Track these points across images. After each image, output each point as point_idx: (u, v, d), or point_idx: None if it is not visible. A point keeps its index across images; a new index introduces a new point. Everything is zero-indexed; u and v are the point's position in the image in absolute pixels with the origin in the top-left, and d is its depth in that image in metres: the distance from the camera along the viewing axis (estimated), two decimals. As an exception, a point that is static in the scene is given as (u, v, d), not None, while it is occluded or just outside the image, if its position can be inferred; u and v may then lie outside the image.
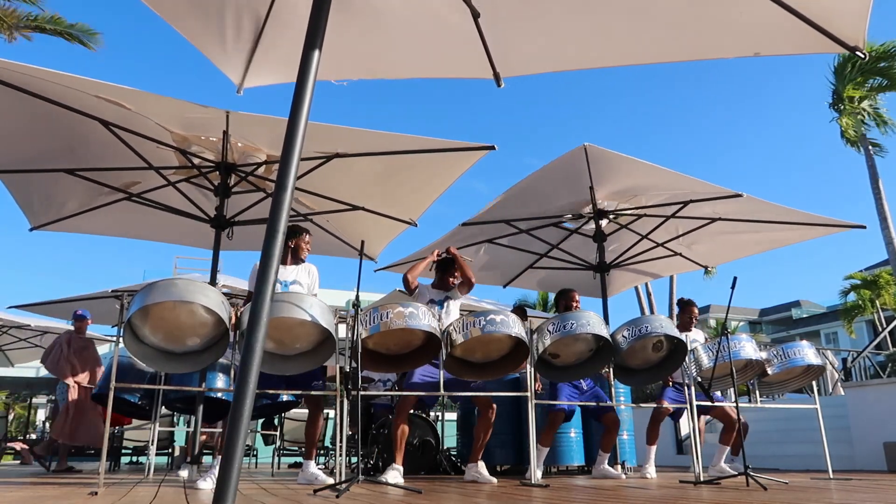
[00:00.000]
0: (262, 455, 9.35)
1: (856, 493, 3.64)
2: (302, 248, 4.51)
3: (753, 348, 4.95)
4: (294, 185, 2.26)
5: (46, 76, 4.26)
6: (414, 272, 4.81)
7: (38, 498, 3.17)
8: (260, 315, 2.05)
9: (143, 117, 4.81)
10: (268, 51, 3.84)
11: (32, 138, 5.04)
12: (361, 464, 4.72)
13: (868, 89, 17.83)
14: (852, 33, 3.19)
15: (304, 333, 3.90)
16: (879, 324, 23.78)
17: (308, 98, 2.39)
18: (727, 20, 3.42)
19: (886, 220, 17.12)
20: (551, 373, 4.68)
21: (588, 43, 3.73)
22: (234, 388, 2.62)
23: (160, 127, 4.97)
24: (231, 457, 1.86)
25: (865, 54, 3.27)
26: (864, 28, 3.15)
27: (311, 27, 2.50)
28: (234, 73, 4.06)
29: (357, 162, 5.40)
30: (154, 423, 5.55)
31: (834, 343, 34.75)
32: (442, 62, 4.02)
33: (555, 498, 3.20)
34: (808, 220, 6.40)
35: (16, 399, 23.14)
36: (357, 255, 4.40)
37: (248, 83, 4.12)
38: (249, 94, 4.17)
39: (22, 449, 11.00)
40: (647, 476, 5.25)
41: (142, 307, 3.54)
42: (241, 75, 4.06)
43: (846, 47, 3.22)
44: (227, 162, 5.39)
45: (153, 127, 4.95)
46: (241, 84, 4.11)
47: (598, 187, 6.08)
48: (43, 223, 6.15)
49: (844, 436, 7.72)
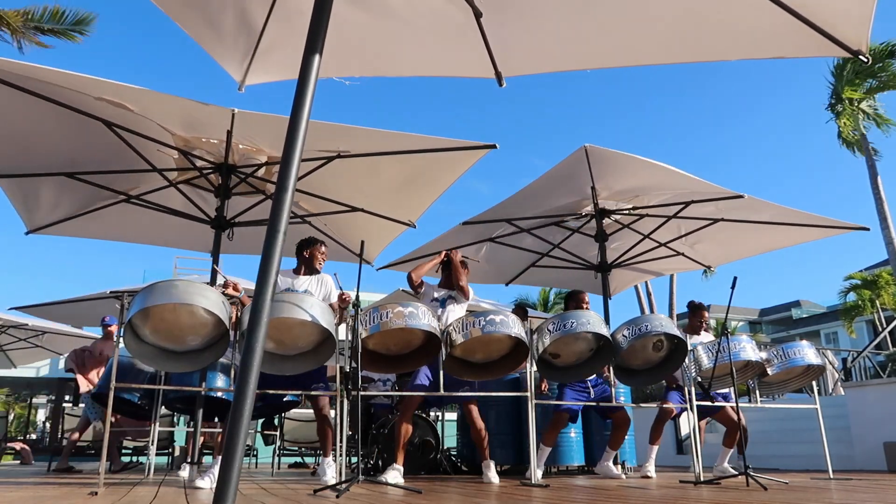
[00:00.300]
0: (262, 455, 9.35)
1: (856, 493, 3.64)
2: (316, 258, 4.51)
3: (753, 349, 4.95)
4: (295, 185, 2.26)
5: (48, 76, 4.21)
6: (419, 271, 4.82)
7: (38, 498, 3.17)
8: (260, 315, 2.05)
9: (145, 119, 4.78)
10: (269, 47, 3.83)
11: (31, 140, 5.00)
12: (361, 464, 4.72)
13: (867, 90, 17.83)
14: (855, 37, 3.19)
15: (305, 333, 3.90)
16: (879, 324, 23.79)
17: (309, 98, 2.38)
18: (730, 22, 3.42)
19: (886, 221, 17.13)
20: (552, 373, 4.68)
21: (590, 43, 3.73)
22: (234, 387, 2.62)
23: (162, 128, 4.95)
24: (231, 457, 1.86)
25: (868, 58, 3.27)
26: (867, 32, 3.14)
27: (312, 28, 2.50)
28: (236, 69, 4.04)
29: (356, 161, 5.37)
30: (154, 423, 5.54)
31: (834, 343, 34.74)
32: (444, 61, 4.02)
33: (555, 498, 3.20)
34: (811, 221, 6.40)
35: (16, 399, 23.14)
36: (354, 259, 4.39)
37: (250, 80, 4.11)
38: (251, 92, 4.16)
39: (22, 449, 11.01)
40: (648, 475, 5.25)
41: (142, 308, 3.55)
42: (242, 72, 4.05)
43: (849, 51, 3.22)
44: (228, 163, 5.38)
45: (155, 129, 4.93)
46: (242, 81, 4.10)
47: (600, 187, 6.07)
48: (39, 226, 6.08)
49: (844, 436, 7.72)
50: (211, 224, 5.53)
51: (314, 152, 5.25)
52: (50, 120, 4.71)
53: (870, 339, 25.46)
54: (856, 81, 17.58)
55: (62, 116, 4.64)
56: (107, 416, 3.74)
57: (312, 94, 2.40)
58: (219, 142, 5.16)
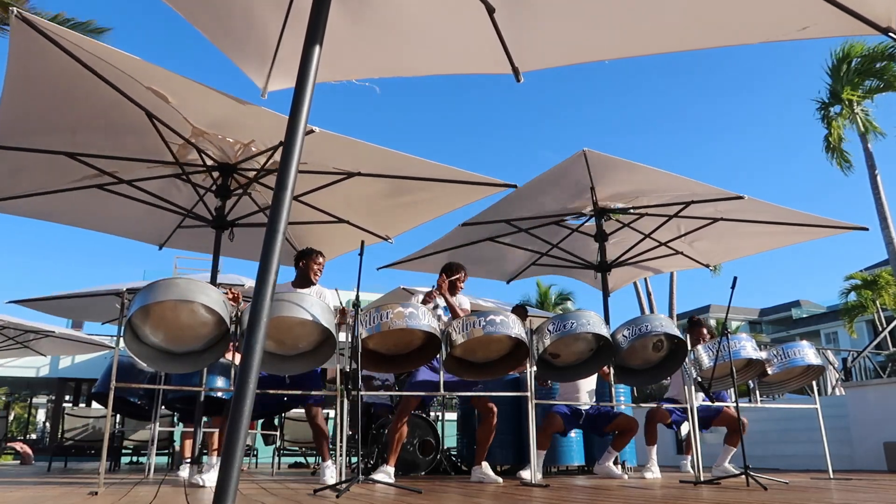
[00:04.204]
0: (262, 455, 9.35)
1: (856, 493, 3.64)
2: (312, 269, 4.48)
3: (753, 348, 4.95)
4: (294, 185, 2.26)
5: (107, 55, 3.97)
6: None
7: (38, 498, 3.17)
8: (260, 315, 2.05)
9: (174, 110, 4.58)
10: (290, 53, 3.76)
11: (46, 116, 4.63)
12: (361, 464, 4.71)
13: (866, 91, 17.80)
14: (885, 13, 3.00)
15: (305, 333, 3.90)
16: (879, 324, 23.78)
17: (308, 98, 2.38)
18: (751, 4, 3.30)
19: (886, 221, 17.12)
20: (552, 373, 4.68)
21: (607, 34, 3.63)
22: (233, 387, 2.62)
23: (184, 120, 4.76)
24: (231, 457, 1.86)
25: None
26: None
27: (310, 26, 2.50)
28: (259, 76, 4.01)
29: (361, 179, 5.38)
30: (154, 423, 5.55)
31: (834, 343, 34.73)
32: (461, 58, 3.96)
33: (555, 498, 3.20)
34: (811, 221, 6.40)
35: (16, 399, 23.12)
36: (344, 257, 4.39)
37: (272, 87, 4.08)
38: (273, 98, 4.14)
39: (22, 449, 11.00)
40: (645, 476, 5.26)
41: (143, 306, 3.54)
42: (265, 78, 4.02)
43: (878, 29, 3.05)
44: (228, 163, 5.36)
45: (178, 120, 4.74)
46: (265, 87, 4.08)
47: (600, 190, 6.07)
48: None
49: (844, 436, 7.72)
50: (211, 224, 5.52)
51: (332, 168, 5.24)
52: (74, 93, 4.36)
53: (870, 339, 25.46)
54: (855, 80, 17.52)
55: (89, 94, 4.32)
56: (107, 416, 3.74)
57: (312, 91, 2.40)
58: (234, 141, 5.06)
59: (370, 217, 6.17)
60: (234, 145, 5.13)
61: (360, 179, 5.42)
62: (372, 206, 5.97)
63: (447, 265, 4.90)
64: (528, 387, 4.35)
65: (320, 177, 5.37)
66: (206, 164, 5.28)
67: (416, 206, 5.92)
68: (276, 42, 3.75)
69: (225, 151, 5.24)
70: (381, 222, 6.24)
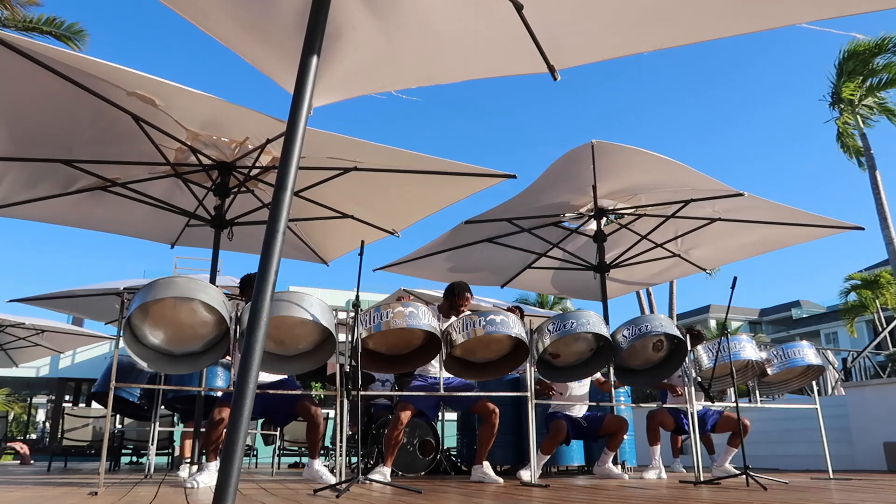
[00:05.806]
0: (262, 455, 9.35)
1: (856, 493, 3.64)
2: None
3: (753, 348, 4.95)
4: (294, 185, 2.26)
5: (88, 66, 4.07)
6: None
7: (38, 498, 3.17)
8: (260, 315, 2.05)
9: (164, 114, 4.64)
10: (326, 69, 3.69)
11: (36, 124, 4.73)
12: (361, 464, 4.71)
13: (868, 87, 17.77)
14: None
15: (305, 333, 3.89)
16: (879, 324, 23.78)
17: (308, 98, 2.39)
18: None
19: (886, 220, 17.12)
20: (552, 373, 4.68)
21: (644, 25, 3.44)
22: (233, 388, 2.62)
23: (177, 123, 4.81)
24: (231, 457, 1.86)
25: None
26: None
27: (310, 27, 2.50)
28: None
29: (362, 173, 5.38)
30: (154, 423, 5.55)
31: (834, 343, 34.74)
32: (495, 61, 3.84)
33: (555, 498, 3.20)
34: (807, 220, 6.40)
35: (16, 399, 23.14)
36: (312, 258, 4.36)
37: (317, 102, 4.03)
38: (319, 113, 4.12)
39: (21, 449, 11.00)
40: (645, 476, 5.25)
41: (142, 304, 3.53)
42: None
43: None
44: (225, 162, 5.36)
45: (171, 123, 4.79)
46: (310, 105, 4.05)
47: (601, 184, 6.04)
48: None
49: (844, 436, 7.72)
50: (210, 223, 5.52)
51: (324, 160, 5.23)
52: (62, 106, 4.49)
53: (870, 339, 25.46)
54: (863, 73, 17.44)
55: (77, 105, 4.45)
56: (107, 416, 3.74)
57: (311, 91, 2.40)
58: (229, 140, 5.10)
59: (375, 212, 6.15)
60: (230, 144, 5.14)
61: (362, 175, 5.43)
62: (375, 200, 5.97)
63: (449, 288, 4.90)
64: (528, 387, 4.35)
65: (320, 172, 5.36)
66: (204, 164, 5.30)
67: (420, 200, 5.90)
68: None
69: (221, 150, 5.25)
70: (387, 217, 6.22)
